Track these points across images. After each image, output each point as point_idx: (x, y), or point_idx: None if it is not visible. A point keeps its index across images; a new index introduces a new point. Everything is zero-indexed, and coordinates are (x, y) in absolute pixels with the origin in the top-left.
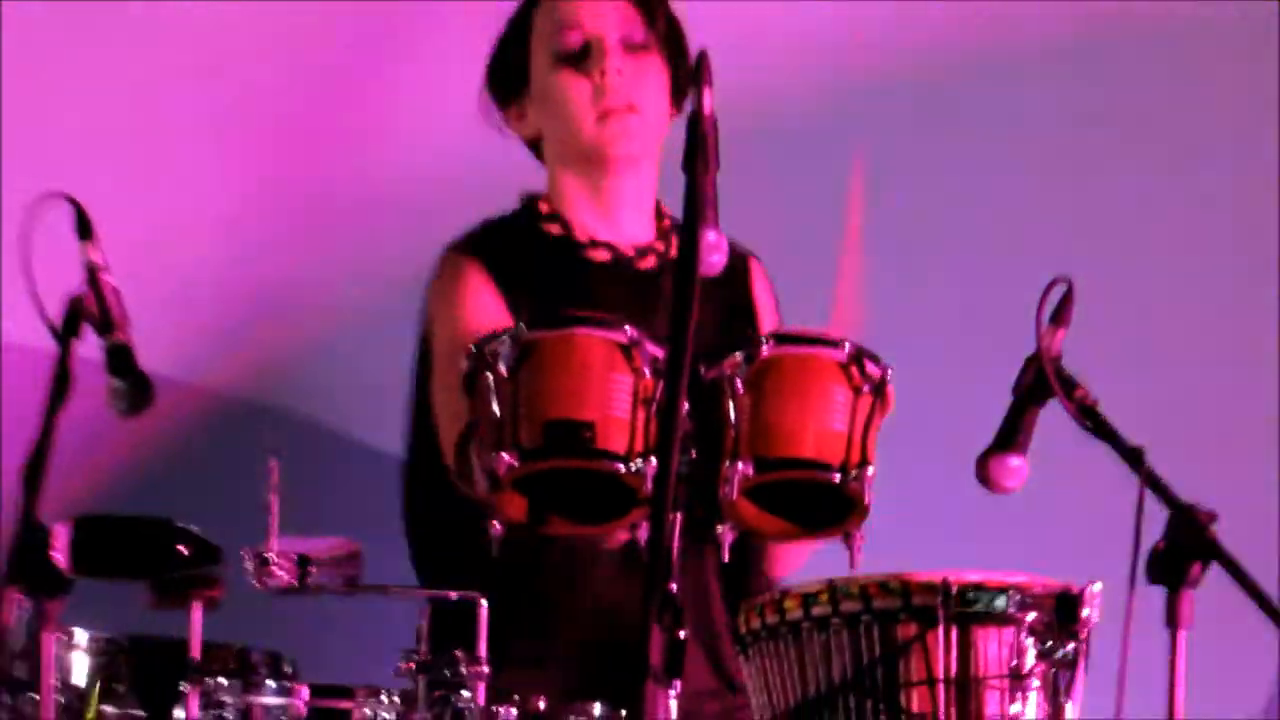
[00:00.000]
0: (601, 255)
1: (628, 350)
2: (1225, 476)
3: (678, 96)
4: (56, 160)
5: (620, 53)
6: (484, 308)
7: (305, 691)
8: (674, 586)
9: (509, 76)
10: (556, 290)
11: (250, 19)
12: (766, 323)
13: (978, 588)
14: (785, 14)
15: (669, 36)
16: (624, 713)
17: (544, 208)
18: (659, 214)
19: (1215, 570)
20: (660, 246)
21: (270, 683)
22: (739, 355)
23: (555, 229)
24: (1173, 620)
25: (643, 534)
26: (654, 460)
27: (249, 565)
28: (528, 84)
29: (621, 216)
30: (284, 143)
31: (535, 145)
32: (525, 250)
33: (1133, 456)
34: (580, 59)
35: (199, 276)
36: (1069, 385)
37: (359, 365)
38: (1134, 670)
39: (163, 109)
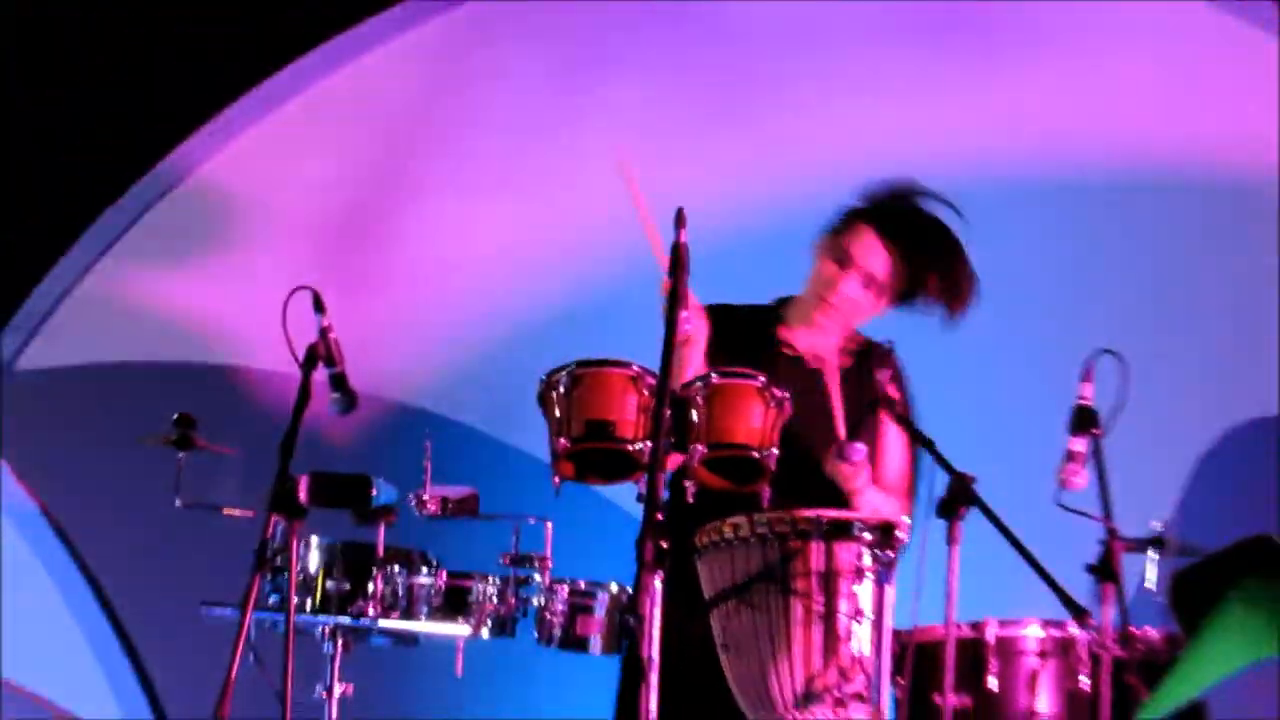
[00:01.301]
0: (789, 351)
1: (635, 380)
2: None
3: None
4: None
5: (858, 283)
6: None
7: (444, 575)
8: (660, 515)
9: (828, 228)
10: (756, 360)
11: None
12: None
13: (837, 520)
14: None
15: (901, 284)
16: (629, 588)
17: (779, 311)
18: (849, 336)
19: None
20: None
21: (423, 569)
22: (699, 383)
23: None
24: (950, 540)
25: (642, 485)
26: (649, 443)
27: (412, 502)
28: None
29: (815, 338)
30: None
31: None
32: (749, 330)
33: (926, 443)
34: (842, 267)
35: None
36: (889, 402)
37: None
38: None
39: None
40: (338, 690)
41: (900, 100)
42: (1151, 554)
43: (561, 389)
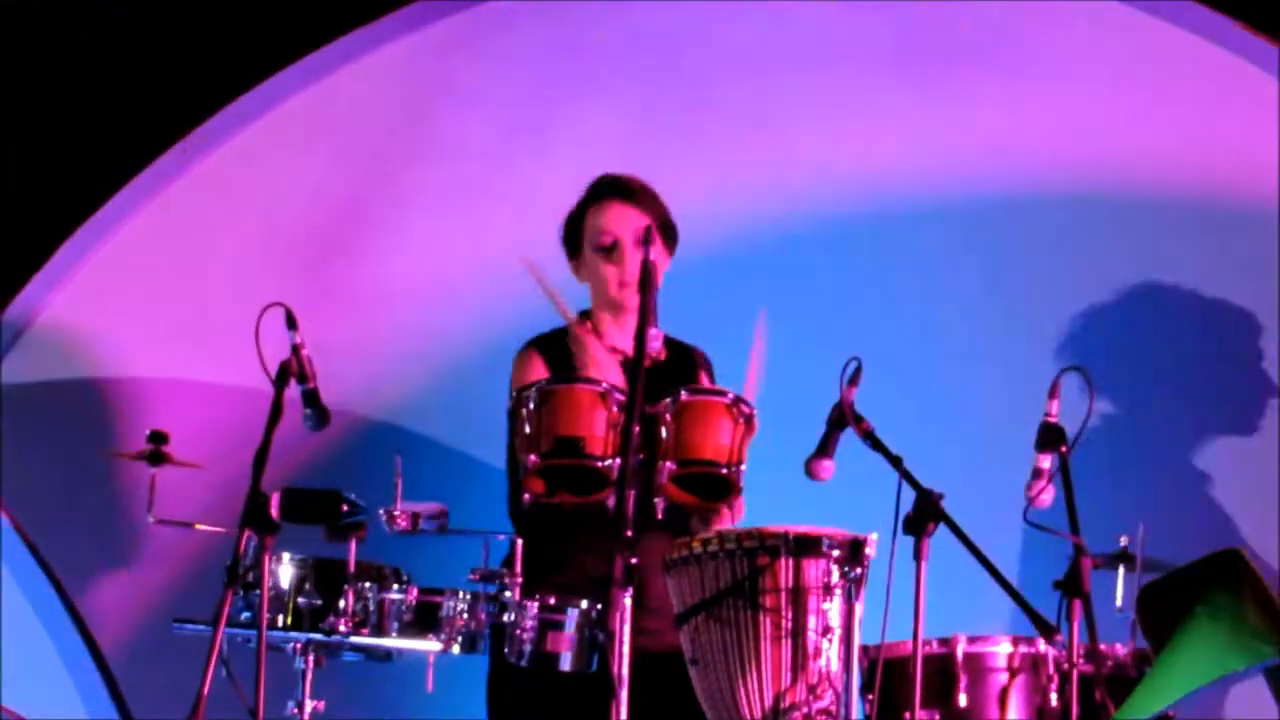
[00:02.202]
0: (616, 356)
1: (604, 396)
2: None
3: (672, 248)
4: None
5: (633, 246)
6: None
7: (415, 591)
8: (629, 533)
9: (571, 247)
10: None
11: None
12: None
13: (805, 536)
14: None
15: (663, 226)
16: (599, 605)
17: (588, 325)
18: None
19: None
20: (653, 354)
21: (394, 585)
22: (669, 399)
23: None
24: (917, 556)
25: (611, 502)
26: (618, 460)
27: (383, 517)
28: (581, 255)
29: (629, 330)
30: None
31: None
32: (565, 347)
33: (894, 460)
34: (610, 250)
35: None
36: (857, 419)
37: (458, 401)
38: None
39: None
40: (309, 706)
41: (887, 117)
42: (1120, 570)
43: (531, 405)
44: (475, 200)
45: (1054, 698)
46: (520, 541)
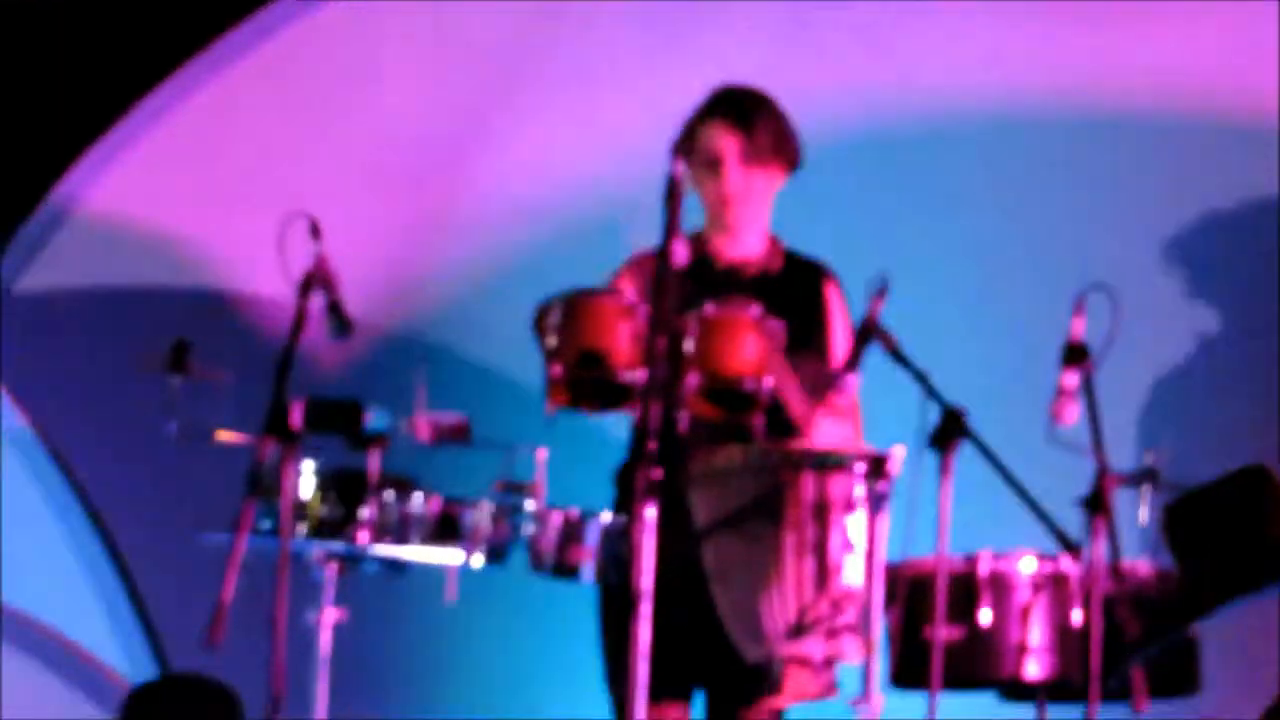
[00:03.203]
0: (721, 265)
1: (630, 309)
2: None
3: (789, 165)
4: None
5: (737, 165)
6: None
7: (437, 501)
8: (654, 445)
9: (685, 155)
10: (693, 282)
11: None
12: (833, 321)
13: (829, 452)
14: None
15: (770, 143)
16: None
17: (696, 238)
18: (773, 241)
19: None
20: (764, 262)
21: (416, 495)
22: (693, 313)
23: (700, 251)
24: (942, 472)
25: (637, 413)
26: (643, 372)
27: (405, 428)
28: (693, 164)
29: (739, 244)
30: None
31: None
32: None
33: (920, 376)
34: (714, 167)
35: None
36: (884, 334)
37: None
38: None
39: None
40: (330, 616)
41: (896, 28)
42: (1143, 488)
43: (555, 317)
44: (504, 114)
45: (1077, 616)
46: (543, 453)
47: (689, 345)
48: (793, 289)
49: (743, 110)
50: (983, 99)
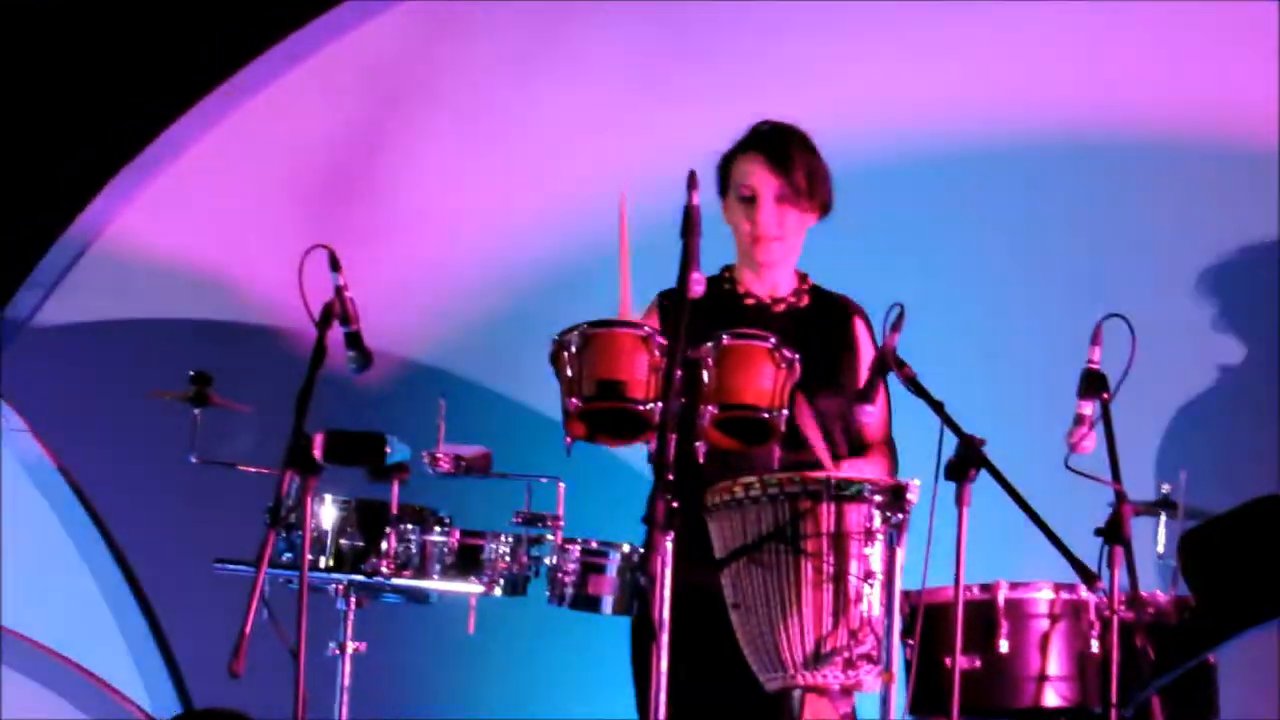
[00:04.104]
0: (750, 301)
1: (646, 340)
2: None
3: (821, 210)
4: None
5: (772, 203)
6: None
7: (457, 533)
8: (670, 476)
9: (721, 187)
10: (722, 317)
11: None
12: (862, 355)
13: (847, 481)
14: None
15: (806, 183)
16: (640, 548)
17: (727, 274)
18: (801, 278)
19: None
20: (792, 299)
21: (437, 527)
22: (709, 344)
23: (727, 287)
24: (959, 502)
25: (653, 445)
26: (659, 404)
27: (426, 460)
28: (728, 197)
29: (768, 281)
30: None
31: None
32: (710, 296)
33: (937, 406)
34: (749, 202)
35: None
36: (900, 365)
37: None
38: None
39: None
40: (350, 647)
41: (910, 58)
42: (1161, 517)
43: (573, 349)
44: (519, 137)
45: (1095, 644)
46: (562, 485)
47: (706, 376)
48: (822, 324)
49: (782, 148)
50: (999, 128)
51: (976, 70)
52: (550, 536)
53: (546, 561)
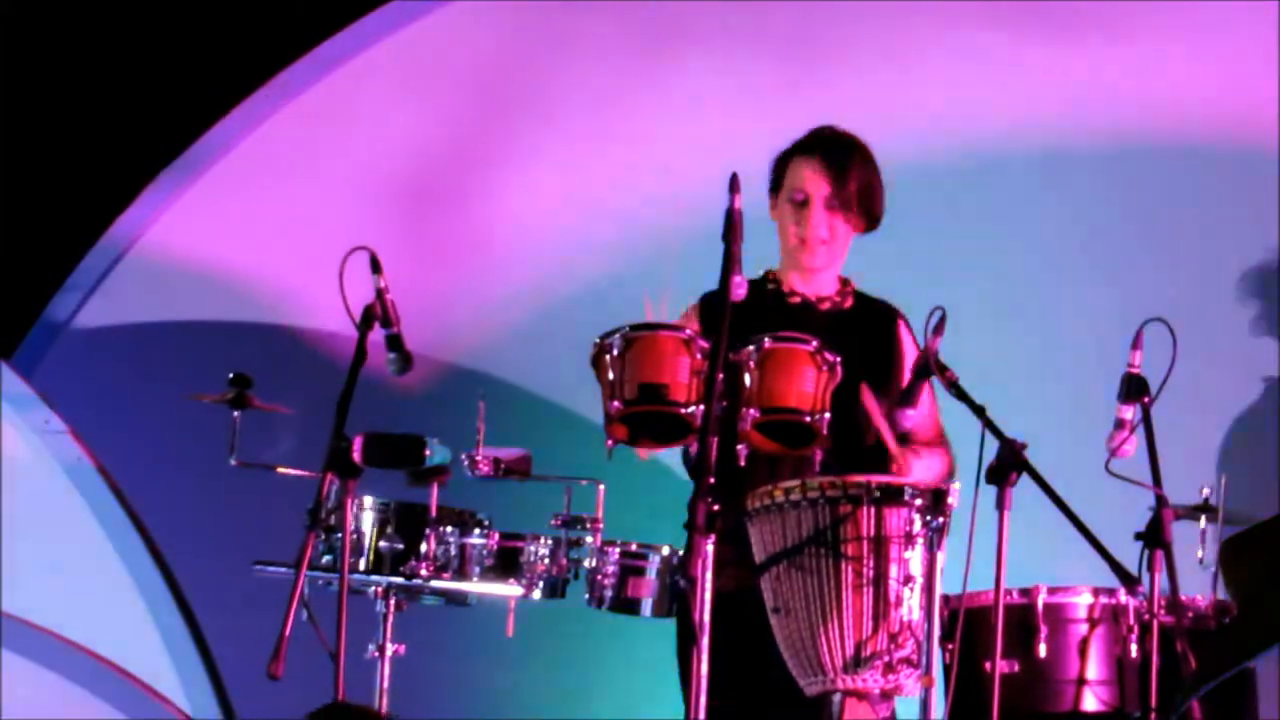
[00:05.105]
0: (795, 300)
1: (688, 343)
2: None
3: (870, 223)
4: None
5: (822, 208)
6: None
7: (496, 536)
8: (711, 480)
9: (774, 186)
10: (766, 316)
11: None
12: (906, 359)
13: (887, 485)
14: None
15: (858, 194)
16: (680, 551)
17: (770, 276)
18: (843, 282)
19: None
20: (837, 298)
21: (476, 530)
22: (751, 347)
23: (772, 287)
24: (1000, 506)
25: (694, 449)
26: (701, 407)
27: (465, 462)
28: (778, 196)
29: (812, 284)
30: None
31: None
32: (754, 297)
33: (978, 410)
34: (800, 206)
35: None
36: (942, 368)
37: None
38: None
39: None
40: (390, 649)
41: (952, 68)
42: (1201, 521)
43: (614, 352)
44: (565, 149)
45: (1134, 649)
46: (602, 487)
47: (747, 379)
48: (865, 326)
49: (840, 156)
50: (1038, 132)
51: (1016, 76)
52: (590, 539)
53: (586, 564)
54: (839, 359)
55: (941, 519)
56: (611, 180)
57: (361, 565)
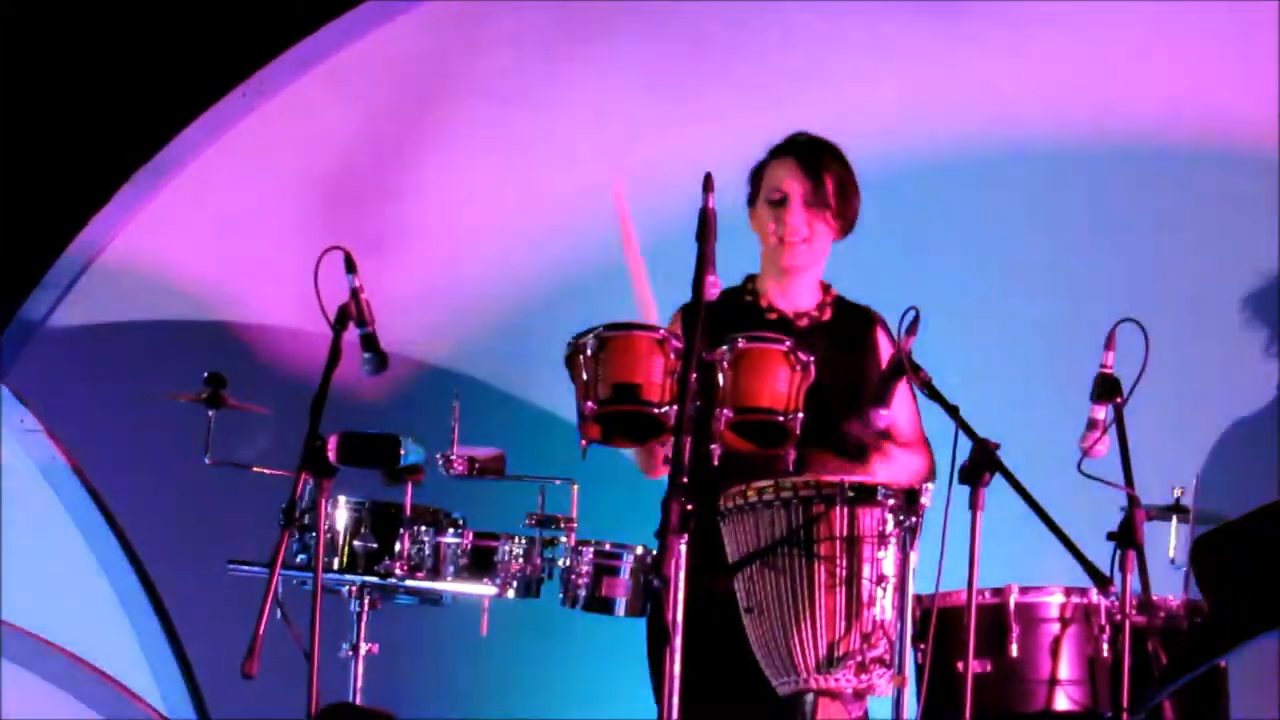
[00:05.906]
0: (772, 315)
1: (662, 343)
2: None
3: (845, 226)
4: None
5: (800, 207)
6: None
7: (470, 535)
8: (685, 479)
9: (751, 196)
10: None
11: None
12: (883, 363)
13: (861, 485)
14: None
15: (835, 194)
16: (654, 550)
17: (749, 285)
18: (825, 289)
19: None
20: (815, 312)
21: (450, 529)
22: (725, 347)
23: (750, 299)
24: (973, 506)
25: (668, 449)
26: (674, 407)
27: (440, 462)
28: (756, 204)
29: (792, 293)
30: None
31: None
32: (730, 309)
33: (952, 410)
34: (778, 205)
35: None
36: (915, 369)
37: (516, 346)
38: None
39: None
40: (364, 648)
41: (909, 67)
42: (1173, 521)
43: (589, 352)
44: (527, 144)
45: (1106, 648)
46: (576, 487)
47: (721, 378)
48: (844, 337)
49: (816, 157)
50: (1011, 133)
51: (989, 75)
52: (564, 539)
53: (560, 563)
54: (812, 358)
55: (914, 519)
56: (590, 179)
57: (336, 564)
